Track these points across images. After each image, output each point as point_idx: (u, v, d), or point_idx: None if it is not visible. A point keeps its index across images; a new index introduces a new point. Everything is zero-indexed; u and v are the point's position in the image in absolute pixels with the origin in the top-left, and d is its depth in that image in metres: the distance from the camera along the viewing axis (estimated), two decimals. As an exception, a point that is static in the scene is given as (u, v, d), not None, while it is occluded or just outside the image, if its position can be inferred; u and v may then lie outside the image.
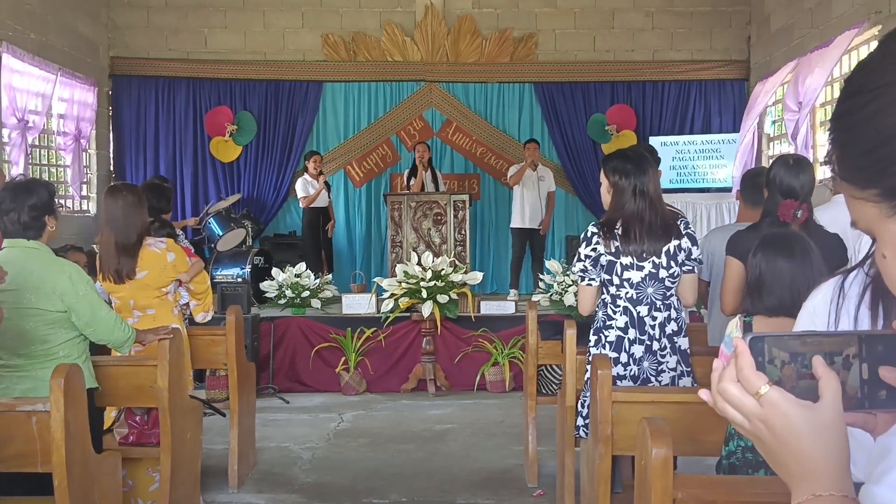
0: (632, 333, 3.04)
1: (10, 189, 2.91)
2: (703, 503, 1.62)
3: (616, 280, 3.03)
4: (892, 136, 0.69)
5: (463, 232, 7.48)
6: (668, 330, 3.05)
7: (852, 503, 0.74)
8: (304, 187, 8.30)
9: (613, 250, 3.02)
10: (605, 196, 3.12)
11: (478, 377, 6.39)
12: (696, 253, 3.05)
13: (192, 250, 4.56)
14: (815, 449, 0.75)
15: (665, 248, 3.01)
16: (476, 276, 6.56)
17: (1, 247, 2.93)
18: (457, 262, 6.87)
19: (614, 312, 3.06)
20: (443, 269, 6.33)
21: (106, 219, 3.69)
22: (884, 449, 0.67)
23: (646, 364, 3.03)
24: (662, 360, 3.03)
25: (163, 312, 3.75)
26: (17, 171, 6.90)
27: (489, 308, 6.71)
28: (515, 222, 8.11)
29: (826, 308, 1.16)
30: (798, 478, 0.77)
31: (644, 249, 3.00)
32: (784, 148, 8.53)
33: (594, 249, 3.05)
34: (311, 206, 8.33)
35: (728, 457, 2.18)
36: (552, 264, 6.80)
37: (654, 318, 3.02)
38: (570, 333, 3.47)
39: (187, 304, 4.10)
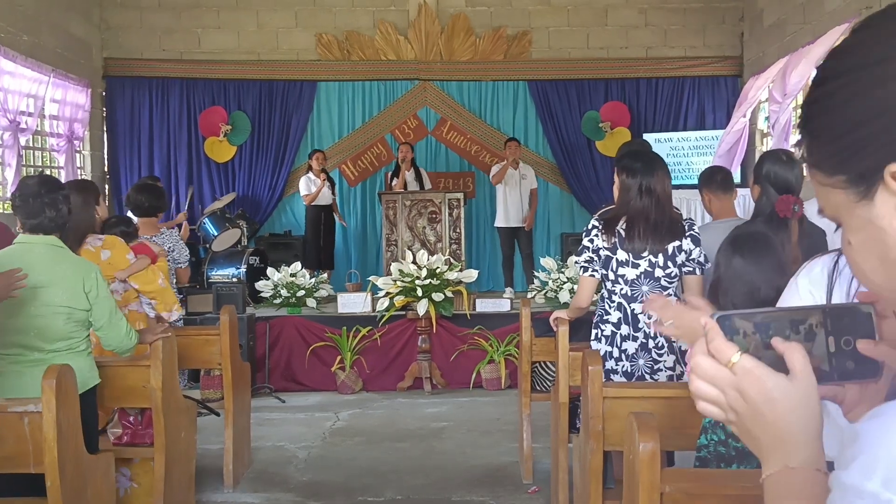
0: (624, 329, 3.06)
1: (33, 186, 2.92)
2: (690, 496, 1.63)
3: (611, 276, 3.06)
4: (862, 122, 0.69)
5: (458, 230, 7.49)
6: None
7: (824, 477, 0.74)
8: (307, 185, 8.34)
9: (610, 245, 3.04)
10: (616, 193, 3.14)
11: (473, 375, 6.40)
12: (696, 254, 3.06)
13: (150, 247, 4.36)
14: (789, 418, 0.75)
15: (665, 248, 3.02)
16: (471, 274, 6.56)
17: (13, 242, 2.96)
18: (452, 260, 6.87)
19: (609, 307, 3.09)
20: (438, 268, 6.33)
21: None
22: (854, 435, 0.68)
23: (641, 361, 3.04)
24: (660, 358, 3.04)
25: None
26: (10, 172, 6.89)
27: (484, 306, 6.71)
28: (500, 221, 8.14)
29: (823, 281, 1.18)
30: (771, 448, 0.77)
31: (645, 248, 3.01)
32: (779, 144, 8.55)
33: (592, 241, 3.08)
34: (314, 204, 8.36)
35: (699, 450, 2.19)
36: (547, 261, 6.80)
37: (650, 317, 3.03)
38: (563, 330, 3.48)
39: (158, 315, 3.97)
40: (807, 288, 1.21)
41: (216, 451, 4.41)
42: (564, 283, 6.50)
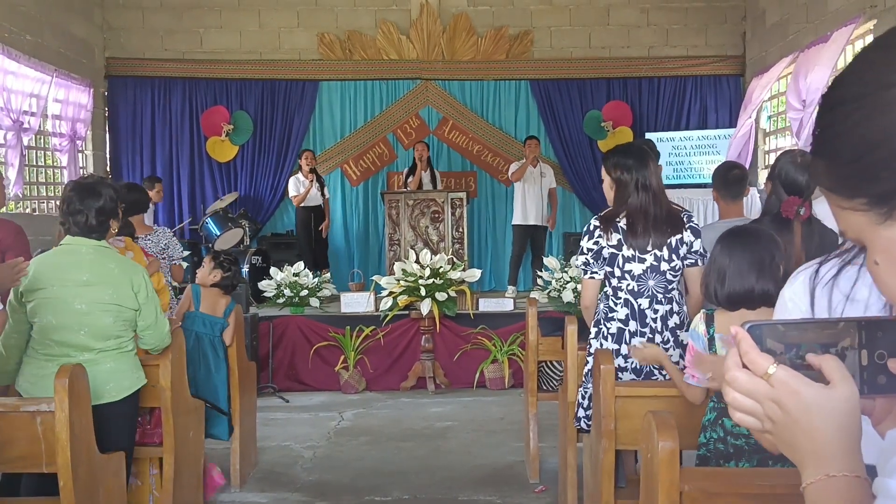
0: (632, 325, 3.06)
1: (78, 190, 2.97)
2: (709, 495, 1.63)
3: (617, 272, 3.06)
4: (877, 144, 0.70)
5: (460, 229, 7.49)
6: (671, 323, 3.06)
7: (865, 483, 0.74)
8: (296, 186, 8.32)
9: (615, 243, 3.04)
10: (609, 192, 3.15)
11: (477, 374, 6.40)
12: (697, 245, 3.07)
13: (148, 251, 4.46)
14: (827, 427, 0.76)
15: (668, 241, 3.03)
16: (474, 274, 6.57)
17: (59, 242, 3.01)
18: (455, 259, 6.88)
19: (615, 304, 3.09)
20: (441, 267, 6.33)
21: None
22: (894, 442, 0.68)
23: None
24: (666, 352, 3.05)
25: None
26: (13, 172, 6.89)
27: (487, 305, 6.72)
28: (517, 219, 8.04)
29: (806, 291, 1.17)
30: (810, 457, 0.77)
31: (649, 242, 3.02)
32: (781, 143, 8.56)
33: (596, 243, 3.08)
34: (304, 205, 8.34)
35: (699, 448, 2.21)
36: (550, 261, 6.81)
37: (656, 311, 3.04)
38: (571, 329, 3.49)
39: None
40: (790, 298, 1.19)
41: (223, 451, 4.41)
42: (567, 282, 6.50)
